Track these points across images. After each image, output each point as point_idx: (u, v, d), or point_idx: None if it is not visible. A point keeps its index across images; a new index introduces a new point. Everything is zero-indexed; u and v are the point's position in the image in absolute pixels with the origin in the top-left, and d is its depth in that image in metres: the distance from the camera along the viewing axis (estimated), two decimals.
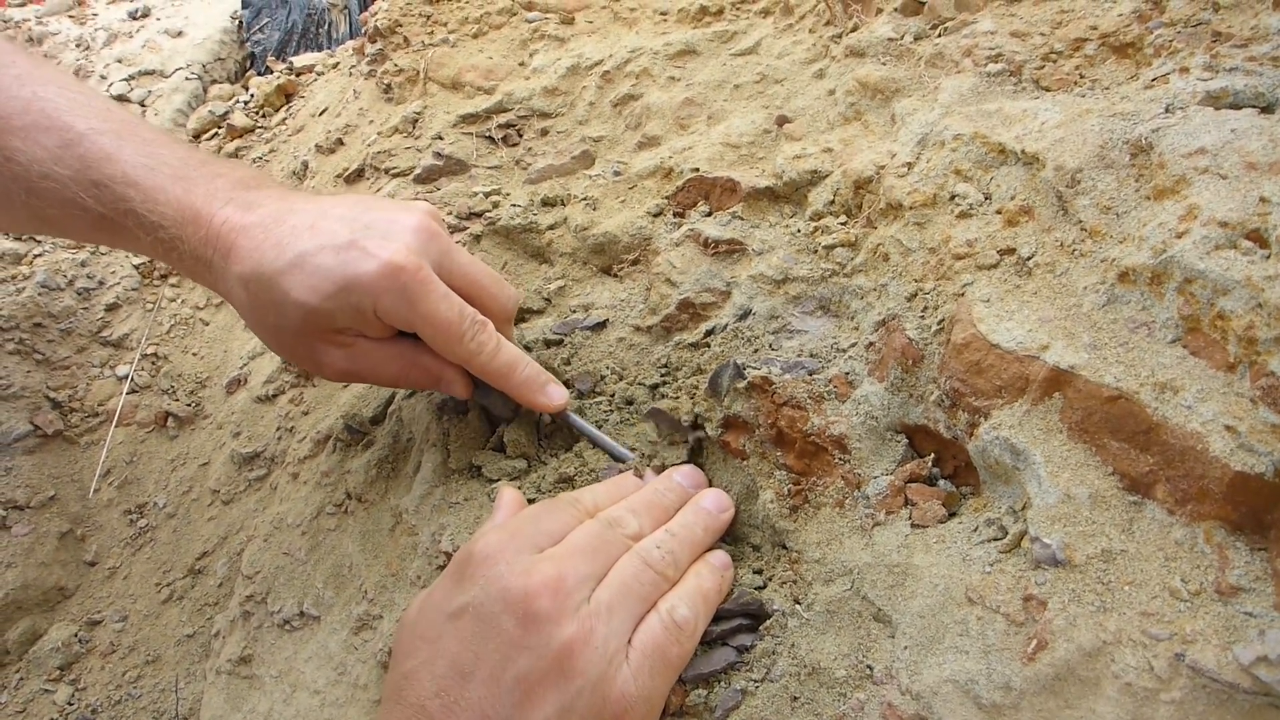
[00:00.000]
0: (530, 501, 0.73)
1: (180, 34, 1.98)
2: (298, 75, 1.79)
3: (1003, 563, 0.53)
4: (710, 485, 0.74)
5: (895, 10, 0.91)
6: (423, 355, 0.77)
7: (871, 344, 0.69)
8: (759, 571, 0.67)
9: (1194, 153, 0.55)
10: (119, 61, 1.90)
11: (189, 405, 1.36)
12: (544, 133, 1.14)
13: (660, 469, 0.75)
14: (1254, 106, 0.59)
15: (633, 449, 0.77)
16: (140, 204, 0.75)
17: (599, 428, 0.79)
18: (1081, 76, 0.74)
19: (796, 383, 0.69)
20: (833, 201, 0.81)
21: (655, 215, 0.92)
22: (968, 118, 0.73)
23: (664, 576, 0.61)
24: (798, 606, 0.62)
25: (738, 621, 0.63)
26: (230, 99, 1.83)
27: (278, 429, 1.17)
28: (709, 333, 0.79)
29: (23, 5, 2.11)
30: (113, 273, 1.50)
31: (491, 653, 0.54)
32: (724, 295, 0.81)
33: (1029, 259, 0.62)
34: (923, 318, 0.66)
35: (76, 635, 1.21)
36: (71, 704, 1.15)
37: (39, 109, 0.77)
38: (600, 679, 0.54)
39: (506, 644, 0.54)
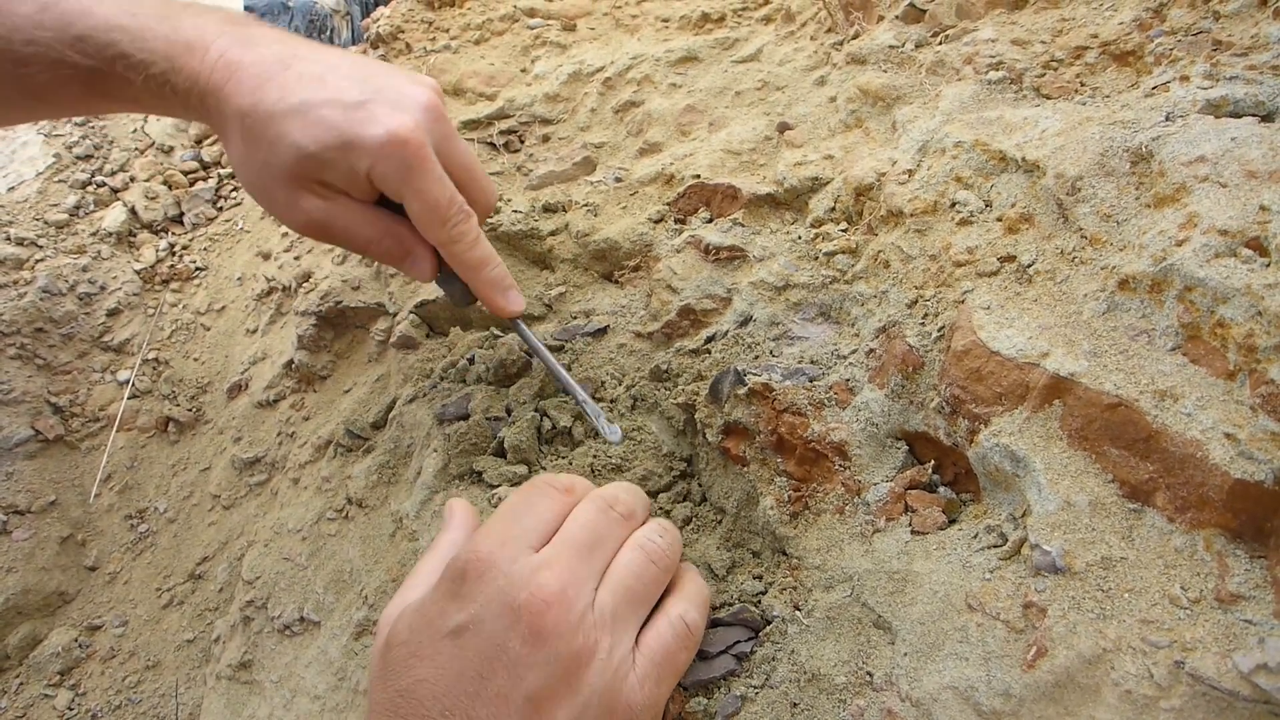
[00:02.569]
0: None
1: None
2: None
3: (1003, 569, 0.53)
4: (704, 496, 0.76)
5: (896, 18, 0.91)
6: (399, 226, 0.77)
7: (872, 351, 0.70)
8: (759, 577, 0.67)
9: (1194, 161, 0.55)
10: None
11: (190, 410, 1.37)
12: (545, 139, 1.14)
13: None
14: (1254, 115, 0.59)
15: (597, 397, 0.78)
16: (129, 44, 0.75)
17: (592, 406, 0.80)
18: (1082, 84, 0.74)
19: (797, 389, 0.69)
20: (834, 208, 0.81)
21: (656, 221, 0.92)
22: (968, 125, 0.73)
23: (665, 570, 0.61)
24: (798, 613, 0.62)
25: (735, 638, 0.63)
26: None
27: (278, 434, 1.17)
28: (710, 339, 0.79)
29: None
30: (114, 278, 1.50)
31: (499, 672, 0.53)
32: (725, 302, 0.81)
33: (1029, 266, 0.62)
34: (923, 325, 0.66)
35: (77, 640, 1.21)
36: (71, 709, 1.15)
37: None
38: (607, 689, 0.54)
39: (514, 663, 0.53)
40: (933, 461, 0.64)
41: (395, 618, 0.60)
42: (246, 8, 2.00)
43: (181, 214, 1.64)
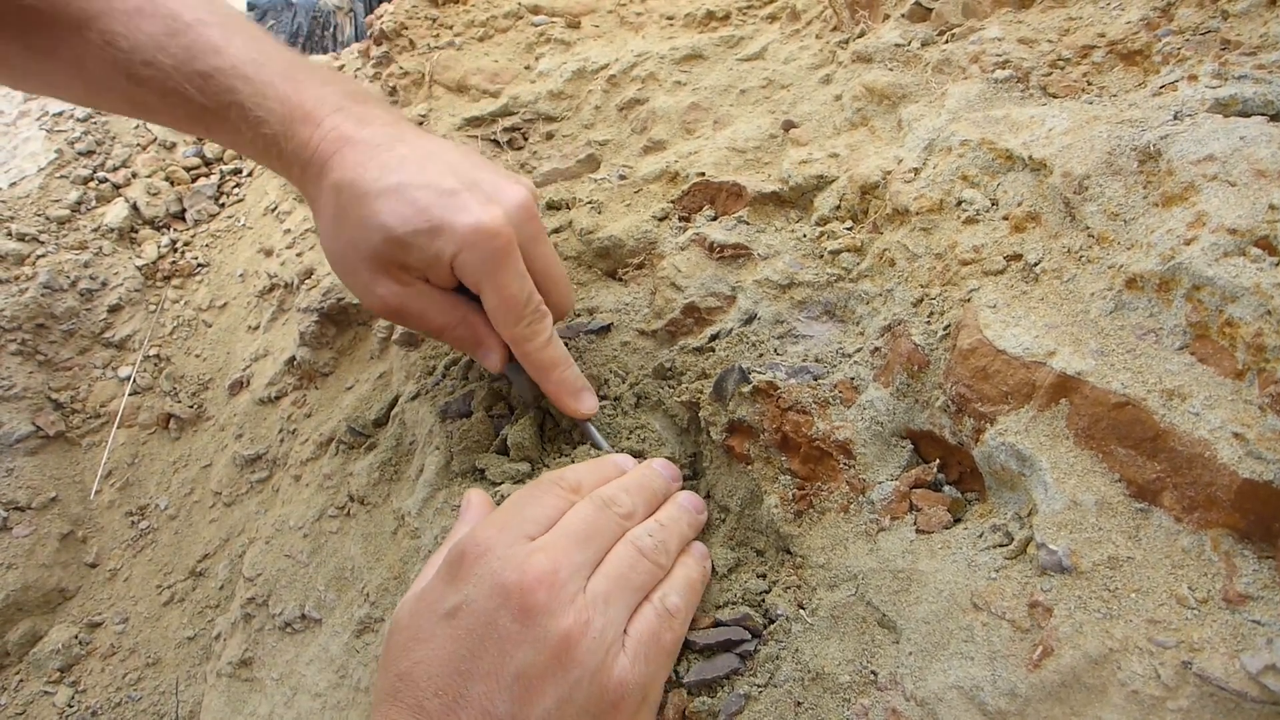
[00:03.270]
0: None
1: None
2: None
3: (1008, 569, 0.53)
4: (708, 494, 0.75)
5: (902, 16, 0.91)
6: (474, 316, 0.77)
7: (877, 349, 0.69)
8: (763, 576, 0.67)
9: (1203, 160, 0.55)
10: None
11: (191, 407, 1.36)
12: (549, 136, 1.14)
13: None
14: (1263, 114, 0.59)
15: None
16: (248, 97, 0.76)
17: (608, 438, 0.80)
18: (1089, 83, 0.74)
19: (801, 388, 0.69)
20: (839, 207, 0.80)
21: (660, 219, 0.92)
22: (975, 124, 0.73)
23: (658, 565, 0.61)
24: (802, 611, 0.62)
25: (736, 636, 0.63)
26: None
27: (280, 431, 1.17)
28: (714, 337, 0.79)
29: None
30: (115, 274, 1.50)
31: (489, 649, 0.54)
32: (729, 300, 0.80)
33: (1036, 265, 0.61)
34: (929, 323, 0.66)
35: (77, 637, 1.21)
36: (71, 706, 1.15)
37: None
38: (598, 668, 0.54)
39: (504, 640, 0.54)
40: (938, 460, 0.64)
41: (401, 604, 0.62)
42: (250, 5, 2.00)
43: (183, 210, 1.64)
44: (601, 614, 0.56)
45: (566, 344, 0.88)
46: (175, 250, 1.58)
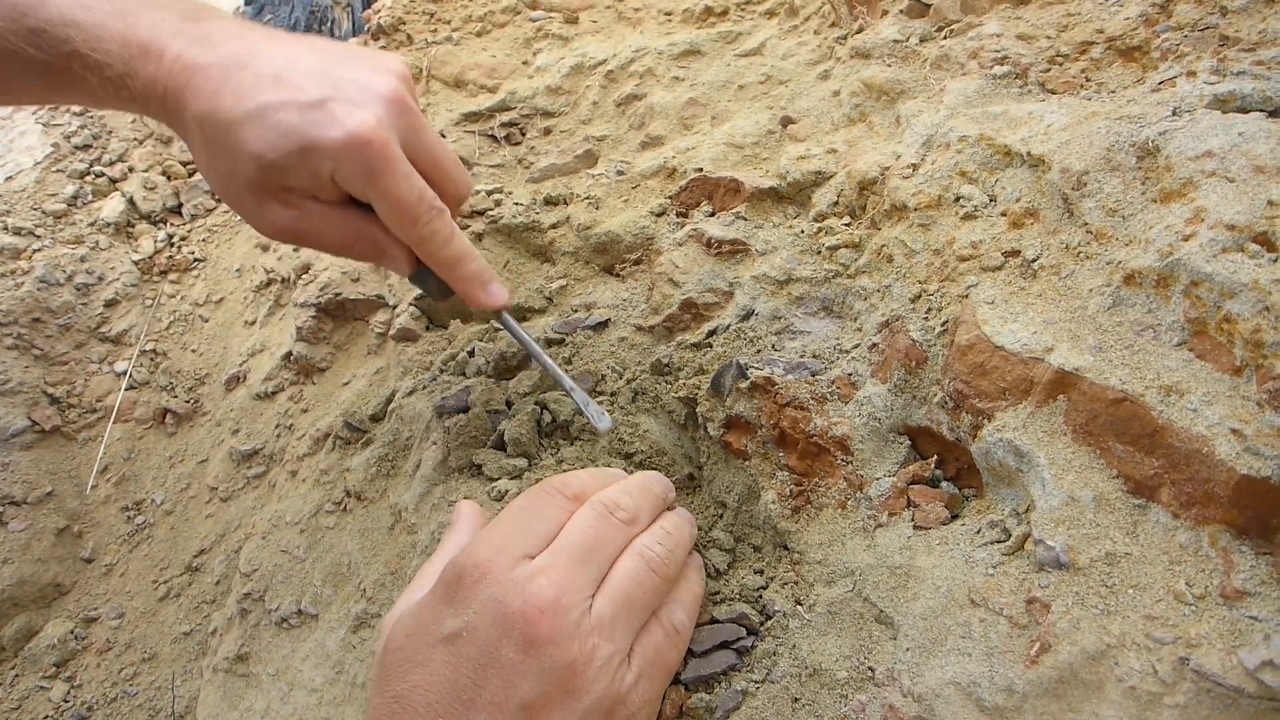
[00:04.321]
0: None
1: None
2: None
3: (1006, 565, 0.53)
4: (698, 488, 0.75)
5: (901, 12, 0.91)
6: (371, 227, 0.74)
7: (875, 345, 0.69)
8: (760, 572, 0.67)
9: (1201, 156, 0.55)
10: None
11: (188, 402, 1.36)
12: (547, 132, 1.13)
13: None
14: (1262, 110, 0.59)
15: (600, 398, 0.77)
16: (82, 43, 0.72)
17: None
18: (1088, 79, 0.73)
19: (799, 383, 0.69)
20: (837, 202, 0.80)
21: (658, 215, 0.92)
22: (973, 120, 0.73)
23: (666, 579, 0.60)
24: (799, 607, 0.62)
25: (733, 634, 0.63)
26: None
27: (277, 426, 1.17)
28: (711, 333, 0.79)
29: None
30: (112, 269, 1.50)
31: (493, 679, 0.52)
32: (727, 295, 0.80)
33: (1034, 261, 0.61)
34: (926, 319, 0.66)
35: (73, 632, 1.21)
36: (67, 701, 1.15)
37: None
38: (604, 694, 0.53)
39: (508, 670, 0.52)
40: (935, 456, 0.64)
41: (395, 620, 0.59)
42: (248, 1, 2.00)
43: (180, 205, 1.64)
44: (608, 640, 0.54)
45: (563, 339, 0.87)
46: (172, 245, 1.58)
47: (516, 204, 1.01)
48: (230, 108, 0.69)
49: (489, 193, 1.04)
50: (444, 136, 1.14)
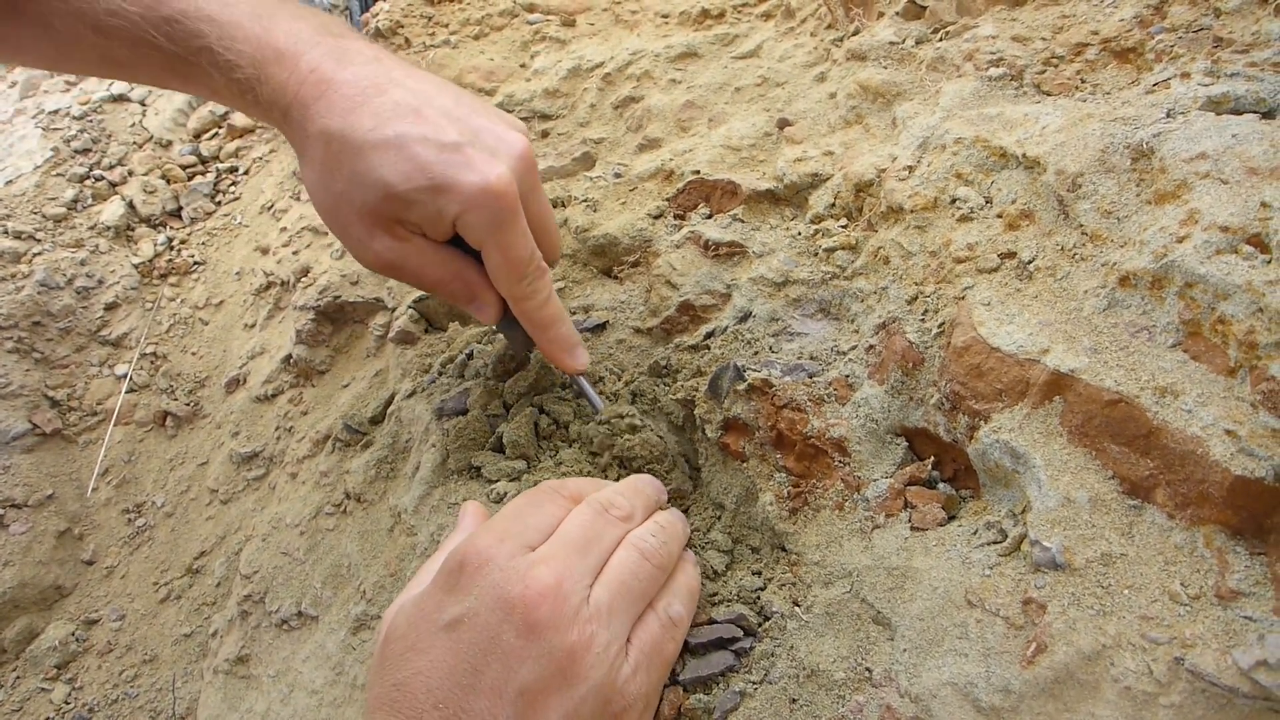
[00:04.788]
0: None
1: None
2: None
3: (1002, 566, 0.53)
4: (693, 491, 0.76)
5: (896, 14, 0.91)
6: (470, 270, 0.75)
7: (871, 347, 0.69)
8: (758, 573, 0.67)
9: (1195, 157, 0.55)
10: None
11: (188, 404, 1.36)
12: (545, 134, 1.14)
13: None
14: (1255, 112, 0.59)
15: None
16: (216, 40, 0.72)
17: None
18: (1083, 81, 0.74)
19: (796, 385, 0.69)
20: (833, 204, 0.81)
21: (656, 217, 0.92)
22: (969, 121, 0.73)
23: (661, 569, 0.61)
24: (797, 609, 0.62)
25: (731, 634, 0.63)
26: None
27: (277, 429, 1.17)
28: (709, 335, 0.79)
29: None
30: (112, 272, 1.50)
31: (493, 664, 0.53)
32: (724, 298, 0.81)
33: (1030, 263, 0.62)
34: (923, 321, 0.66)
35: (74, 634, 1.21)
36: (68, 703, 1.15)
37: None
38: (603, 682, 0.54)
39: (508, 655, 0.53)
40: (932, 458, 0.64)
41: (396, 612, 0.60)
42: None
43: (180, 208, 1.64)
44: (605, 627, 0.55)
45: None
46: (172, 248, 1.58)
47: None
48: (366, 130, 0.69)
49: None
50: None
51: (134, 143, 1.71)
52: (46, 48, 0.77)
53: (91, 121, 1.72)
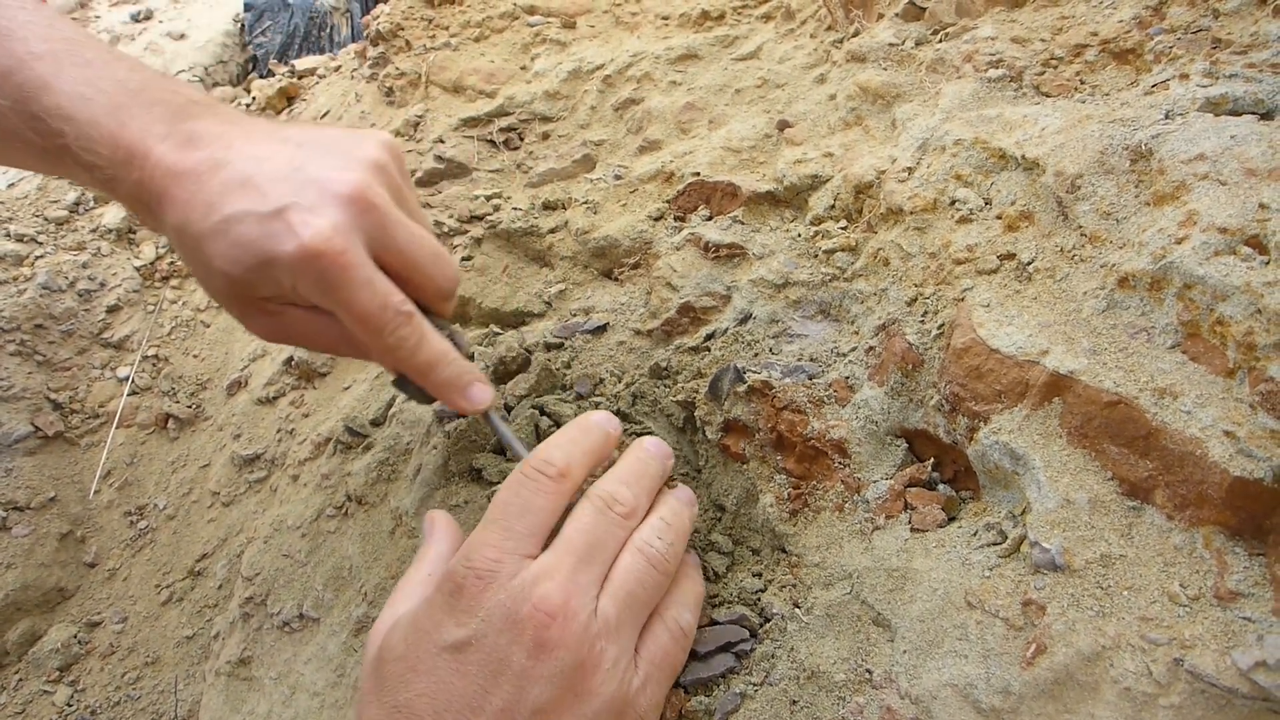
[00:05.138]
0: None
1: (182, 36, 1.99)
2: (299, 78, 1.79)
3: (1002, 567, 0.54)
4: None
5: (896, 16, 0.91)
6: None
7: (871, 348, 0.70)
8: (758, 575, 0.67)
9: (1194, 159, 0.55)
10: None
11: (189, 407, 1.37)
12: (545, 136, 1.14)
13: None
14: (1254, 113, 0.59)
15: None
16: (73, 140, 0.69)
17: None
18: (1082, 82, 0.74)
19: (796, 387, 0.69)
20: (833, 206, 0.81)
21: (656, 219, 0.92)
22: (968, 123, 0.73)
23: (666, 574, 0.60)
24: (797, 610, 0.62)
25: (732, 637, 0.63)
26: (232, 101, 1.83)
27: (278, 431, 1.17)
28: (709, 336, 0.79)
29: None
30: (114, 275, 1.50)
31: (503, 686, 0.52)
32: (724, 299, 0.81)
33: (1029, 264, 0.62)
34: (923, 322, 0.66)
35: (76, 636, 1.21)
36: (70, 705, 1.15)
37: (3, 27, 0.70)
38: (614, 696, 0.53)
39: (519, 676, 0.52)
40: (932, 459, 0.64)
41: (386, 631, 0.59)
42: (247, 6, 2.00)
43: None
44: (614, 641, 0.55)
45: (561, 343, 0.88)
46: (173, 251, 1.58)
47: (515, 209, 1.02)
48: (198, 220, 0.66)
49: (488, 198, 1.05)
50: (442, 142, 1.15)
51: None
52: None
53: None
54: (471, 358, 0.76)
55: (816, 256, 0.78)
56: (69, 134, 0.69)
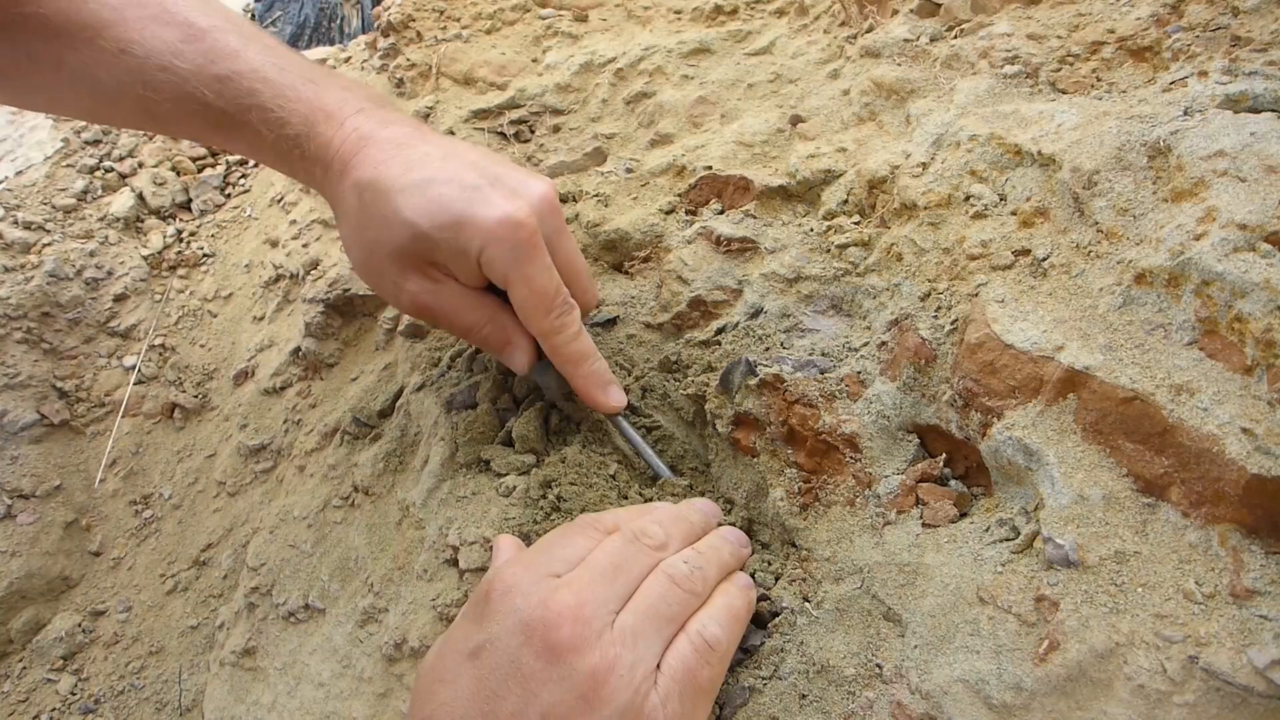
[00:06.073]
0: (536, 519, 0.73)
1: None
2: None
3: (1014, 563, 0.53)
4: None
5: (911, 11, 0.91)
6: (502, 314, 0.76)
7: (884, 343, 0.69)
8: (769, 568, 0.67)
9: (1213, 155, 0.55)
10: None
11: (196, 396, 1.37)
12: (556, 129, 1.14)
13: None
14: (1273, 110, 0.59)
15: (675, 469, 0.77)
16: (269, 99, 0.75)
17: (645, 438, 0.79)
18: (1098, 79, 0.73)
19: (808, 381, 0.69)
20: (846, 201, 0.80)
21: (667, 213, 0.92)
22: (984, 119, 0.73)
23: (693, 594, 0.58)
24: (807, 604, 0.62)
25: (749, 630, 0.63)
26: None
27: (285, 421, 1.17)
28: (720, 330, 0.79)
29: None
30: (121, 263, 1.50)
31: (514, 689, 0.52)
32: (736, 293, 0.81)
33: (1044, 260, 0.61)
34: (936, 318, 0.66)
35: (80, 625, 1.21)
36: (74, 694, 1.15)
37: (157, 3, 0.76)
38: (627, 706, 0.52)
39: (529, 679, 0.52)
40: (944, 455, 0.64)
41: (431, 647, 0.60)
42: None
43: (189, 200, 1.64)
44: (630, 649, 0.53)
45: None
46: (181, 240, 1.58)
47: None
48: (395, 177, 0.72)
49: None
50: (453, 134, 1.14)
51: (144, 134, 1.71)
52: (85, 98, 0.79)
53: None
54: None
55: (829, 251, 0.78)
56: (264, 92, 0.75)
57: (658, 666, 0.55)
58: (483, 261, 0.72)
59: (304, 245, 1.31)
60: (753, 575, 0.66)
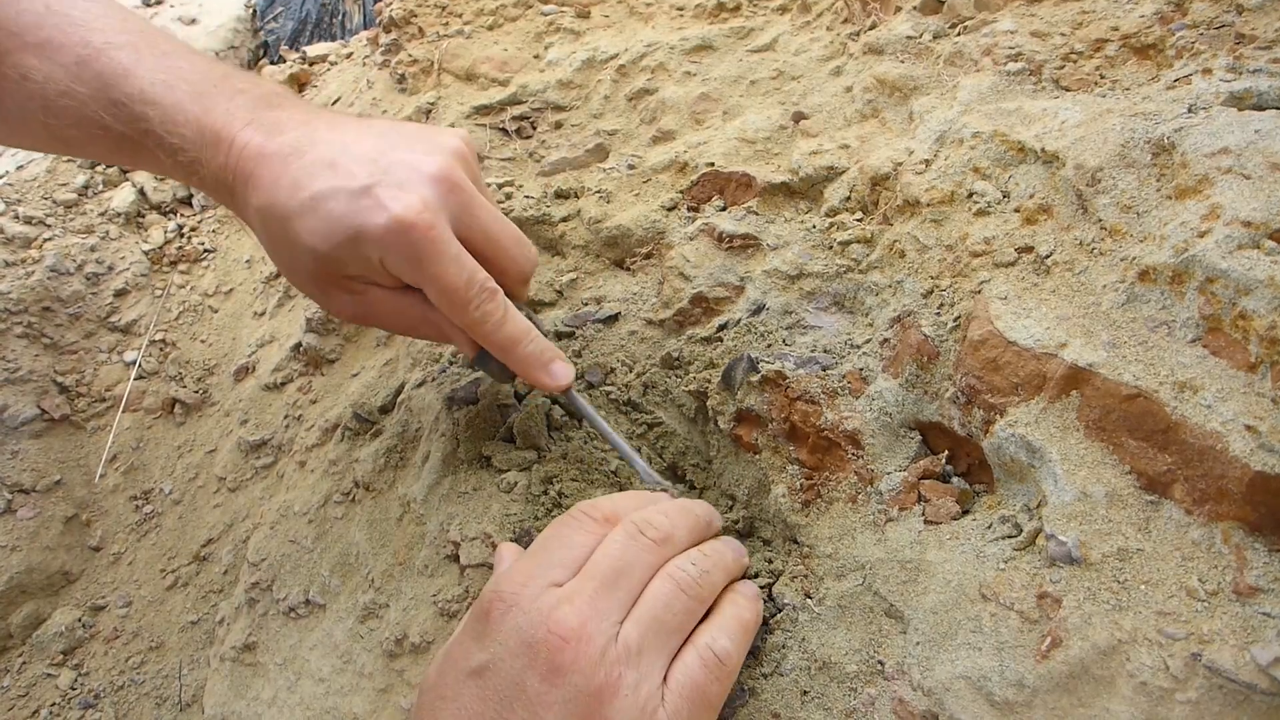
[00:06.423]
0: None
1: (194, 22, 1.98)
2: (311, 65, 1.79)
3: (1017, 560, 0.53)
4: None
5: (914, 9, 0.91)
6: (432, 311, 0.73)
7: (886, 340, 0.69)
8: (770, 565, 0.67)
9: (1217, 153, 0.55)
10: None
11: (196, 392, 1.36)
12: (558, 125, 1.13)
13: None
14: (1278, 108, 0.59)
15: (676, 467, 0.76)
16: (159, 124, 0.72)
17: (606, 419, 0.78)
18: (1102, 77, 0.73)
19: (810, 378, 0.69)
20: (849, 198, 0.80)
21: (669, 209, 0.92)
22: (987, 116, 0.73)
23: (698, 600, 0.58)
24: (809, 601, 0.62)
25: None
26: None
27: (285, 417, 1.17)
28: (722, 327, 0.79)
29: None
30: (122, 258, 1.50)
31: (518, 711, 0.51)
32: (737, 290, 0.80)
33: (1047, 257, 0.61)
34: (939, 314, 0.66)
35: (80, 620, 1.21)
36: (74, 689, 1.15)
37: (54, 24, 0.73)
38: None
39: (533, 702, 0.51)
40: (946, 452, 0.64)
41: (433, 660, 0.59)
42: None
43: (190, 195, 1.64)
44: (634, 667, 0.53)
45: (573, 332, 0.87)
46: (182, 235, 1.58)
47: (527, 197, 1.01)
48: (286, 199, 0.69)
49: (500, 186, 1.04)
50: (452, 127, 1.14)
51: None
52: None
53: None
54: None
55: (831, 248, 0.78)
56: (153, 118, 0.72)
57: (665, 680, 0.54)
58: (387, 268, 0.70)
59: None
60: (754, 576, 0.66)
